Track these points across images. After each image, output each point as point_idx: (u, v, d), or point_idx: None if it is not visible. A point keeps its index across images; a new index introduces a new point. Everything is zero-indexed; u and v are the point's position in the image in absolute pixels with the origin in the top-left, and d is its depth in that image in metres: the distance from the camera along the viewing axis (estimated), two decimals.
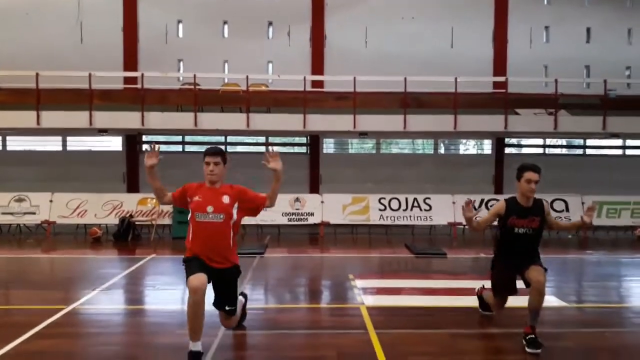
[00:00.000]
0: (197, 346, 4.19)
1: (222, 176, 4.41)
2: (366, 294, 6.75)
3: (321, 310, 6.42)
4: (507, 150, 15.36)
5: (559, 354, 4.66)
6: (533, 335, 4.61)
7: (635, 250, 11.10)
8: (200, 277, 4.15)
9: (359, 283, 7.36)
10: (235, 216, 4.38)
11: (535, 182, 4.72)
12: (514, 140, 15.72)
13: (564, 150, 16.11)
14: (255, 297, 6.66)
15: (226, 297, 4.52)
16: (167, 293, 7.17)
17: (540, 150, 15.65)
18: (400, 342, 4.96)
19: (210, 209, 4.27)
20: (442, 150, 15.80)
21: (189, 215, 4.39)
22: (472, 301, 5.97)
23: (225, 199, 4.33)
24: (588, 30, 15.21)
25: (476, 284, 6.08)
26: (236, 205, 4.39)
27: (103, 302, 6.51)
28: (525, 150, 16.08)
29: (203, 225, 4.29)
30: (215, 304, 4.53)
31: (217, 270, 4.37)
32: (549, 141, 15.87)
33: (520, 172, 4.81)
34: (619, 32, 15.22)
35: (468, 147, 16.32)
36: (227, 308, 4.51)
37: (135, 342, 5.09)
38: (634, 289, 7.70)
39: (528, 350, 4.56)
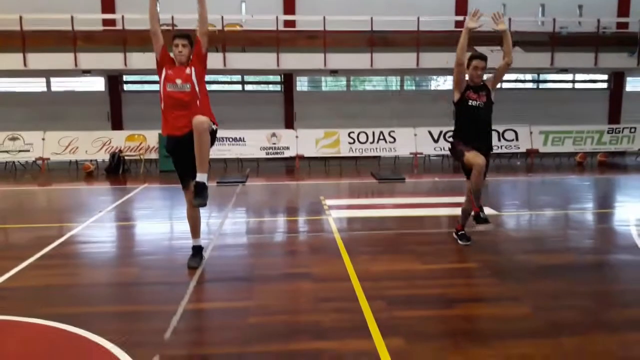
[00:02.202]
0: (197, 242, 5.34)
1: (188, 57, 4.89)
2: (333, 209, 8.07)
3: (296, 222, 7.74)
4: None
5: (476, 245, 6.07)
6: (483, 215, 5.47)
7: (569, 172, 12.62)
8: (189, 192, 4.97)
9: (328, 202, 8.66)
10: (196, 80, 4.85)
11: (482, 69, 5.35)
12: None
13: (520, 85, 17.33)
14: (239, 215, 7.95)
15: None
16: (164, 212, 8.40)
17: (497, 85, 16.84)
18: (357, 239, 6.34)
19: (179, 81, 4.82)
20: (407, 87, 16.86)
21: (161, 84, 4.88)
22: (417, 212, 7.41)
23: (188, 71, 4.85)
24: None
25: (425, 200, 7.49)
26: (192, 69, 4.87)
27: (110, 220, 7.69)
28: None
29: (173, 94, 4.82)
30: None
31: (188, 135, 4.76)
32: (509, 76, 17.02)
33: (469, 60, 5.40)
34: None
35: (439, 83, 17.33)
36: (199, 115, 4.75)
37: (146, 251, 6.34)
38: (548, 201, 9.17)
39: (479, 227, 5.52)
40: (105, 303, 4.42)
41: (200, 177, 4.77)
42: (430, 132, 14.04)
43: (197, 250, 5.36)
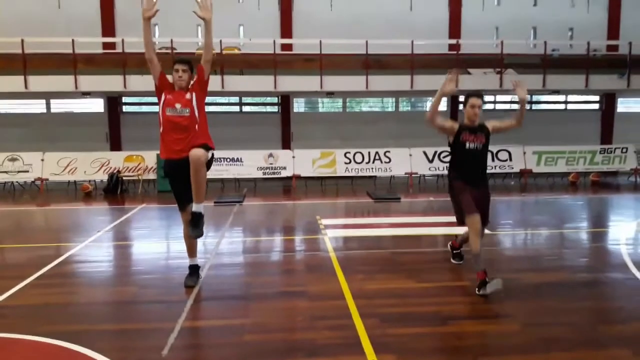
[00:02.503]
0: (194, 261, 5.44)
1: (188, 82, 4.97)
2: (329, 229, 8.17)
3: (292, 241, 7.83)
4: (461, 107, 16.75)
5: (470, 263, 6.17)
6: (488, 280, 4.95)
7: (562, 192, 12.76)
8: (186, 214, 5.04)
9: (324, 222, 8.77)
10: (196, 105, 4.92)
11: (478, 107, 5.21)
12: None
13: (512, 106, 17.57)
14: (236, 234, 8.04)
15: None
16: (161, 231, 8.48)
17: (491, 107, 17.11)
18: (352, 258, 6.43)
19: (178, 105, 4.89)
20: (402, 108, 17.10)
21: (160, 108, 4.96)
22: (413, 231, 7.51)
23: (187, 96, 4.93)
24: None
25: (420, 220, 7.59)
26: (193, 95, 4.94)
27: (108, 240, 7.77)
28: None
29: (172, 118, 4.89)
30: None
31: (185, 159, 4.81)
32: (500, 97, 17.31)
33: (466, 99, 5.26)
34: None
35: (427, 104, 17.59)
36: (198, 145, 4.82)
37: (148, 270, 6.43)
38: (542, 220, 9.28)
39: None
40: (104, 321, 4.50)
41: (197, 207, 4.91)
42: (425, 153, 14.21)
43: (194, 269, 5.45)
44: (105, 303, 5.00)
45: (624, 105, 17.23)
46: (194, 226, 4.92)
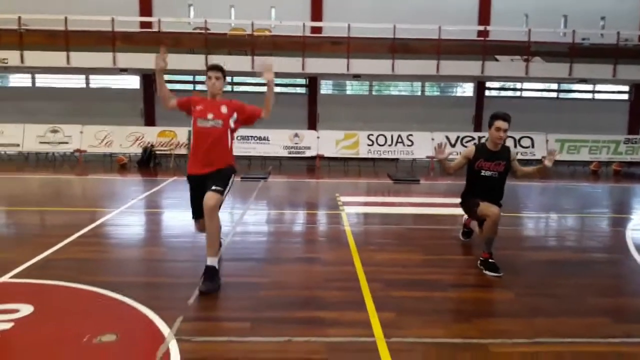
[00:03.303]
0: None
1: (221, 89, 4.83)
2: (347, 206, 8.61)
3: (311, 215, 8.31)
4: (487, 93, 16.89)
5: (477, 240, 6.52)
6: (492, 260, 5.15)
7: (582, 180, 12.89)
8: (201, 224, 4.85)
9: (343, 199, 9.21)
10: (232, 125, 4.78)
11: (504, 131, 4.99)
12: (497, 84, 17.22)
13: (539, 94, 17.59)
14: (260, 207, 8.57)
15: (216, 180, 4.63)
16: None
17: (518, 94, 17.17)
18: (365, 232, 6.89)
19: (210, 116, 4.67)
20: (428, 93, 17.30)
21: (192, 122, 4.76)
22: (427, 210, 7.89)
23: (224, 109, 4.74)
24: None
25: (436, 200, 7.94)
26: (234, 116, 4.79)
27: (141, 207, 8.39)
28: (503, 93, 17.60)
29: (204, 130, 4.68)
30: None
31: (210, 174, 4.71)
32: (528, 85, 17.34)
33: (492, 120, 5.07)
34: None
35: (456, 89, 17.77)
36: (213, 188, 4.57)
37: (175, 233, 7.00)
38: (555, 205, 9.51)
39: (487, 273, 5.09)
40: (137, 275, 5.07)
41: (211, 261, 4.61)
42: (447, 137, 14.46)
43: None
44: (137, 260, 5.58)
45: None
46: (207, 280, 4.54)
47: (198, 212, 4.78)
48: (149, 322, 3.85)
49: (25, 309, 3.96)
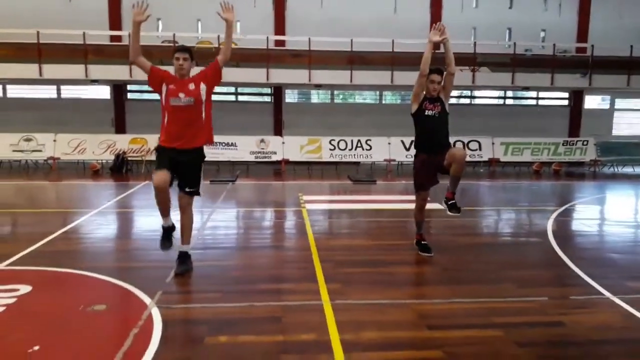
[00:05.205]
0: (167, 222, 5.19)
1: (189, 70, 4.99)
2: (308, 203, 9.52)
3: (276, 211, 9.18)
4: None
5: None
6: (454, 200, 5.74)
7: (524, 179, 14.14)
8: (162, 176, 4.82)
9: (305, 197, 10.11)
10: (205, 96, 4.97)
11: (437, 83, 5.66)
12: (455, 92, 18.46)
13: (488, 101, 18.93)
14: (229, 206, 9.40)
15: (188, 180, 5.06)
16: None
17: (467, 101, 18.49)
18: (323, 224, 7.82)
19: (182, 95, 4.87)
20: (386, 101, 18.44)
21: (163, 101, 4.95)
22: (381, 206, 8.86)
23: (191, 86, 4.93)
24: None
25: (390, 197, 8.89)
26: (202, 86, 4.95)
27: (115, 208, 9.11)
28: (453, 101, 18.82)
29: (177, 107, 4.89)
30: (179, 185, 5.13)
31: (183, 152, 4.95)
32: (478, 93, 18.65)
33: (428, 74, 5.64)
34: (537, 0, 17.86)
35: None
36: (187, 190, 5.07)
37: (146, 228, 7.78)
38: (499, 200, 10.63)
39: (449, 213, 5.76)
40: (118, 261, 5.86)
41: (185, 247, 5.27)
42: (402, 141, 15.56)
43: (166, 231, 5.25)
44: (117, 250, 6.38)
45: (591, 102, 18.63)
46: (184, 264, 5.20)
47: (163, 164, 4.89)
48: (133, 295, 4.62)
49: (24, 289, 4.67)
